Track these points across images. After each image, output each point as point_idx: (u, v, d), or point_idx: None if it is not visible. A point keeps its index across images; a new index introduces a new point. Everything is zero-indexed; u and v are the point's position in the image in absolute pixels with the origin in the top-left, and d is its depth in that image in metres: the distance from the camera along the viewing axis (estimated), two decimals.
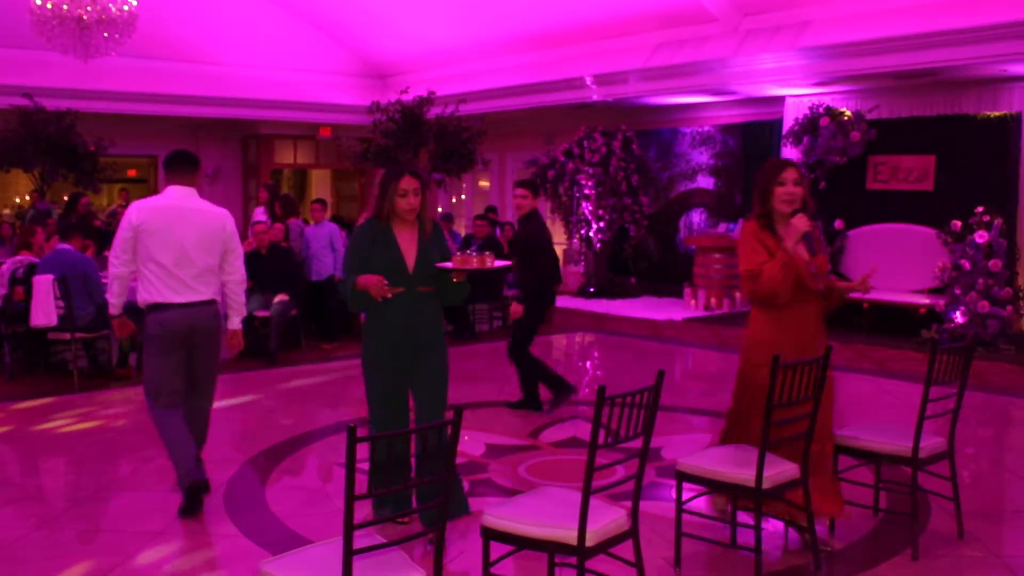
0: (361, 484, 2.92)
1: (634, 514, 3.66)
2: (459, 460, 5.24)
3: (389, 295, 4.60)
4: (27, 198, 15.29)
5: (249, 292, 9.91)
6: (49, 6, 10.84)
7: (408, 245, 4.73)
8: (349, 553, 2.90)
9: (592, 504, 3.54)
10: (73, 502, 5.48)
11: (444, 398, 4.91)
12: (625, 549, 3.68)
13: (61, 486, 5.81)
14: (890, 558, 4.59)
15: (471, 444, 6.46)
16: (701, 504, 4.68)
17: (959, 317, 9.76)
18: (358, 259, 4.70)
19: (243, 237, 11.56)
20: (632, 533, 3.64)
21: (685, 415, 7.32)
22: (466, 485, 5.65)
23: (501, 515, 3.58)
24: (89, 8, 10.88)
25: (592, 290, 14.48)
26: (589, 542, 3.41)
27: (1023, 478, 6.10)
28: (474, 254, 4.59)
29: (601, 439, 3.40)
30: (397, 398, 4.89)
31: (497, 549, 3.63)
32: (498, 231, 12.45)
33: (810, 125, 11.85)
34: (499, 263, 4.67)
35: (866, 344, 10.15)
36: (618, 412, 3.40)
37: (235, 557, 4.61)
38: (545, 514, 3.55)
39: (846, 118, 11.59)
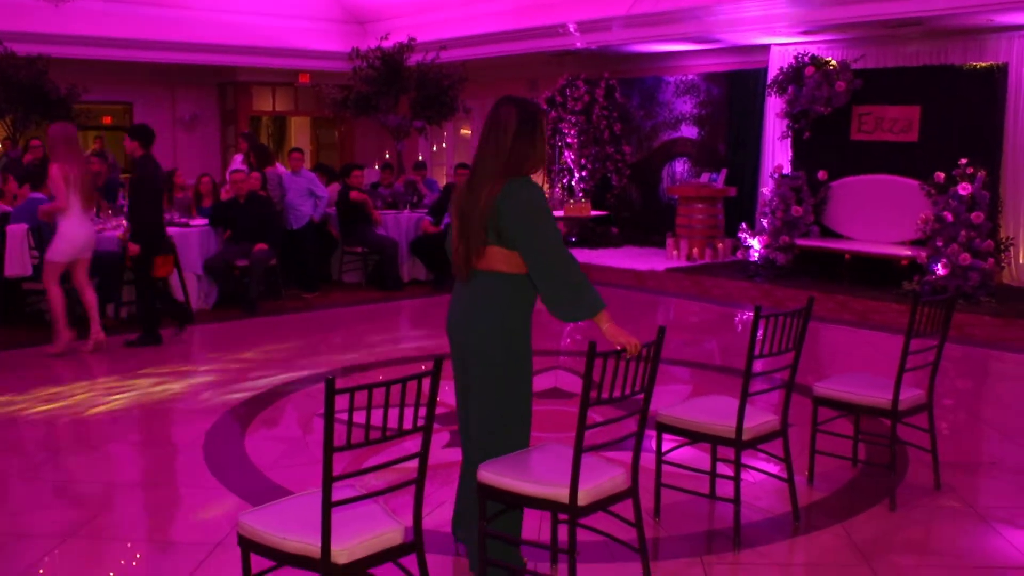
0: (340, 436, 2.88)
1: (634, 473, 3.60)
2: (440, 410, 5.20)
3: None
4: None
5: (228, 241, 9.85)
6: None
7: None
8: (328, 505, 2.88)
9: (590, 462, 3.49)
10: (51, 452, 5.43)
11: None
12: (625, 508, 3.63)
13: (39, 437, 5.76)
14: (868, 508, 4.62)
15: (450, 393, 6.41)
16: (681, 455, 4.68)
17: (940, 269, 9.76)
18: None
19: (221, 184, 11.44)
20: (632, 492, 3.58)
21: (667, 366, 7.31)
22: (447, 436, 5.64)
23: (497, 471, 3.50)
24: None
25: (574, 240, 14.43)
26: (582, 501, 3.35)
27: (1000, 430, 6.14)
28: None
29: (593, 396, 3.35)
30: None
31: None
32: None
33: (795, 74, 11.74)
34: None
35: (848, 295, 10.16)
36: (610, 367, 3.34)
37: (215, 508, 4.59)
38: (541, 471, 3.49)
39: (831, 68, 11.48)
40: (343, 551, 2.92)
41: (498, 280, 3.58)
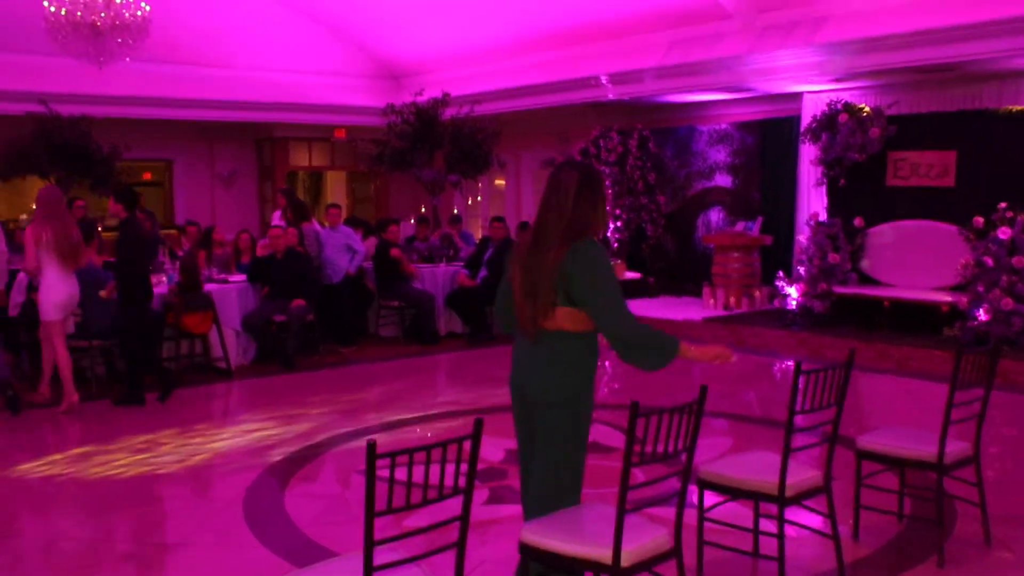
0: (381, 498, 2.88)
1: (677, 533, 3.56)
2: (480, 466, 5.19)
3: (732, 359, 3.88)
4: None
5: (266, 297, 9.95)
6: (63, 12, 10.85)
7: None
8: (369, 570, 2.87)
9: (632, 522, 3.46)
10: (92, 513, 5.46)
11: None
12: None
13: (78, 494, 5.80)
14: (916, 565, 4.53)
15: (490, 449, 6.41)
16: (724, 511, 4.61)
17: (982, 315, 9.63)
18: None
19: (253, 239, 11.54)
20: (675, 553, 3.53)
21: (706, 418, 7.19)
22: (487, 492, 5.62)
23: (538, 531, 3.49)
24: (103, 14, 10.88)
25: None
26: (625, 562, 3.32)
27: None
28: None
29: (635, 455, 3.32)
30: None
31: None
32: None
33: (828, 122, 11.73)
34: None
35: (887, 343, 10.04)
36: (652, 424, 3.32)
37: (254, 566, 4.59)
38: (582, 532, 3.46)
39: (865, 114, 11.46)
40: None
41: (566, 339, 3.67)
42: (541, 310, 3.65)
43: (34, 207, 8.14)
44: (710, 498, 4.50)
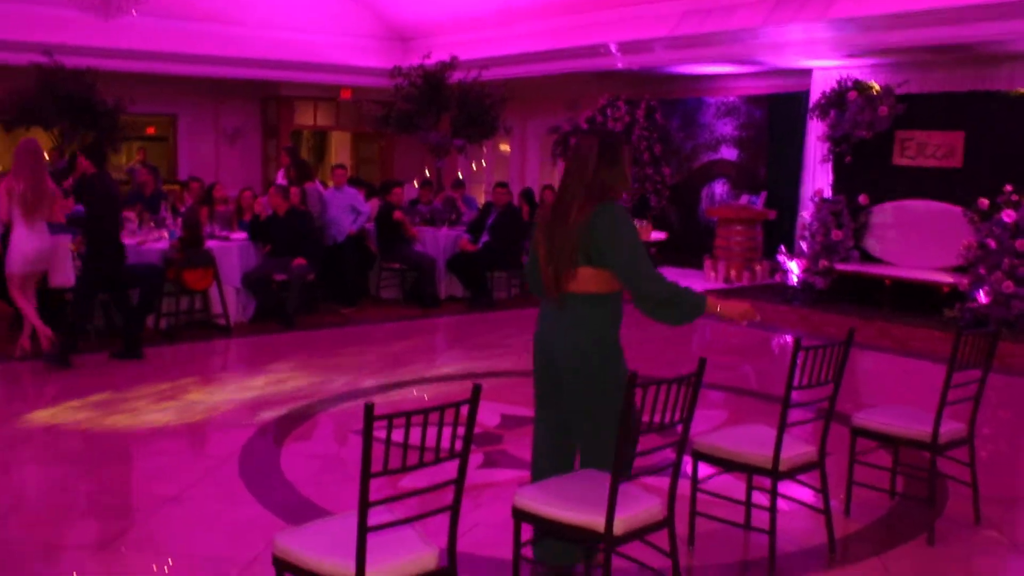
0: (377, 460, 2.90)
1: (670, 504, 3.58)
2: (476, 430, 5.21)
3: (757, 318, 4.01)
4: (47, 157, 15.27)
5: (267, 255, 9.95)
6: None
7: None
8: (364, 530, 2.89)
9: (627, 490, 3.49)
10: (87, 465, 5.50)
11: None
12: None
13: (75, 447, 5.83)
14: (905, 542, 4.56)
15: (487, 414, 6.43)
16: (717, 483, 4.64)
17: (982, 297, 9.63)
18: None
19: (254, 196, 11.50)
20: (668, 523, 3.56)
21: (702, 390, 7.25)
22: (481, 456, 5.66)
23: (533, 497, 3.53)
24: None
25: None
26: (618, 530, 3.35)
27: None
28: None
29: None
30: None
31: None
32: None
33: (837, 98, 11.68)
34: None
35: (887, 321, 10.05)
36: (651, 396, 3.34)
37: (249, 523, 4.62)
38: (577, 499, 3.49)
39: (874, 92, 11.40)
40: (377, 575, 2.93)
41: (591, 300, 3.74)
42: (564, 273, 3.71)
43: (45, 159, 8.11)
44: (704, 469, 4.53)
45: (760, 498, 4.58)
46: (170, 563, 4.15)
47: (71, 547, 4.29)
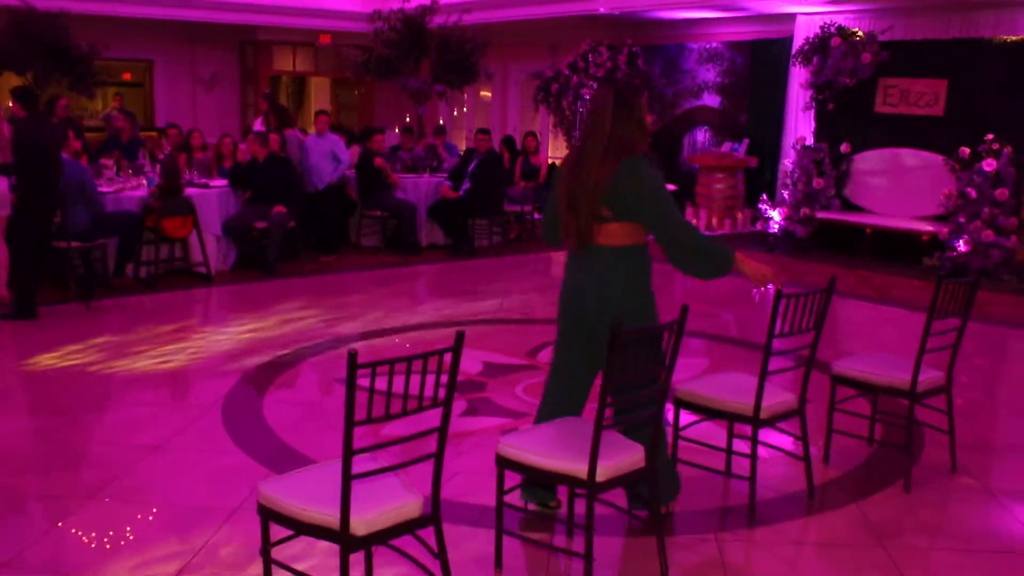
0: (360, 408, 2.90)
1: (650, 453, 3.60)
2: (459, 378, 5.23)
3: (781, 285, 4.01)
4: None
5: (247, 202, 9.87)
6: None
7: None
8: (348, 478, 2.90)
9: (610, 438, 3.52)
10: (69, 415, 5.48)
11: None
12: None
13: (57, 397, 5.81)
14: (883, 489, 4.62)
15: (469, 362, 6.44)
16: (698, 430, 4.68)
17: (962, 246, 9.70)
18: None
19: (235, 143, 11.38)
20: (649, 471, 3.60)
21: (684, 337, 7.29)
22: (464, 404, 5.68)
23: (517, 444, 3.55)
24: None
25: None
26: (600, 478, 3.38)
27: (1017, 411, 6.12)
28: None
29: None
30: None
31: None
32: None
33: (820, 45, 11.61)
34: None
35: (868, 270, 10.11)
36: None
37: (232, 472, 4.63)
38: (560, 446, 3.51)
39: (858, 38, 11.34)
40: (362, 522, 2.94)
41: (619, 252, 3.79)
42: (585, 226, 3.77)
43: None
44: (685, 417, 4.56)
45: (740, 445, 4.63)
46: (155, 512, 4.16)
47: (56, 496, 4.29)
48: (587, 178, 3.73)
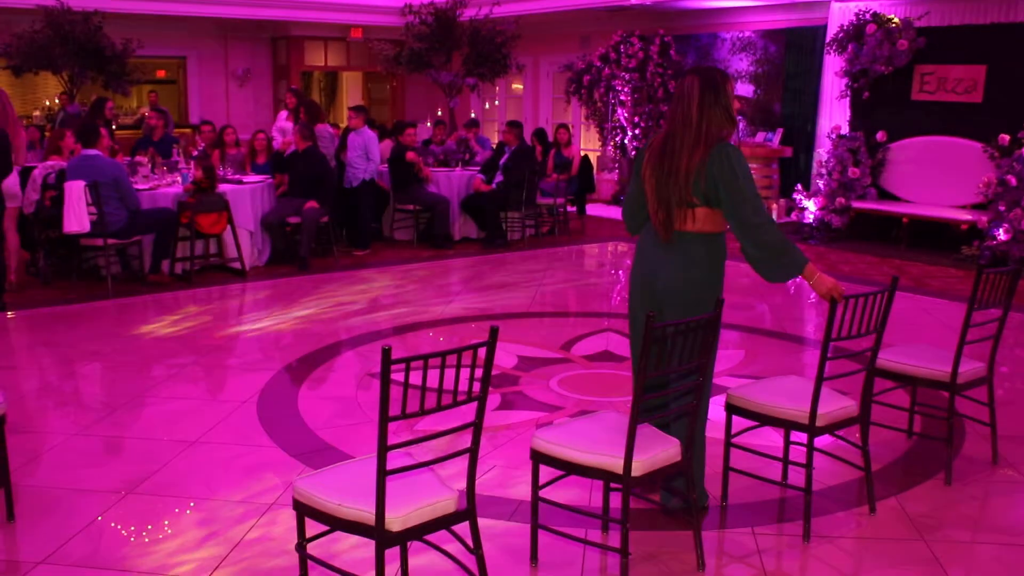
0: (395, 403, 2.90)
1: (685, 449, 3.56)
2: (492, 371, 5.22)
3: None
4: (56, 101, 15.19)
5: (281, 197, 9.92)
6: None
7: None
8: (383, 473, 2.89)
9: (645, 432, 3.49)
10: (108, 410, 5.54)
11: None
12: None
13: (96, 393, 5.88)
14: (923, 482, 4.55)
15: (503, 356, 6.44)
16: (751, 438, 4.54)
17: (1002, 234, 9.54)
18: None
19: (269, 139, 11.46)
20: (684, 465, 3.56)
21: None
22: (498, 398, 5.67)
23: (551, 439, 3.53)
24: None
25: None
26: (636, 472, 3.36)
27: None
28: None
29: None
30: None
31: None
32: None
33: (855, 32, 11.46)
34: None
35: (904, 260, 9.98)
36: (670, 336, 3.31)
37: (268, 467, 4.66)
38: (595, 440, 3.49)
39: (893, 25, 11.18)
40: (397, 519, 2.94)
41: (705, 239, 3.84)
42: (677, 214, 3.80)
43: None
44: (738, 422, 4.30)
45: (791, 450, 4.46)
46: (192, 506, 4.20)
47: (93, 491, 4.33)
48: (677, 168, 3.74)
